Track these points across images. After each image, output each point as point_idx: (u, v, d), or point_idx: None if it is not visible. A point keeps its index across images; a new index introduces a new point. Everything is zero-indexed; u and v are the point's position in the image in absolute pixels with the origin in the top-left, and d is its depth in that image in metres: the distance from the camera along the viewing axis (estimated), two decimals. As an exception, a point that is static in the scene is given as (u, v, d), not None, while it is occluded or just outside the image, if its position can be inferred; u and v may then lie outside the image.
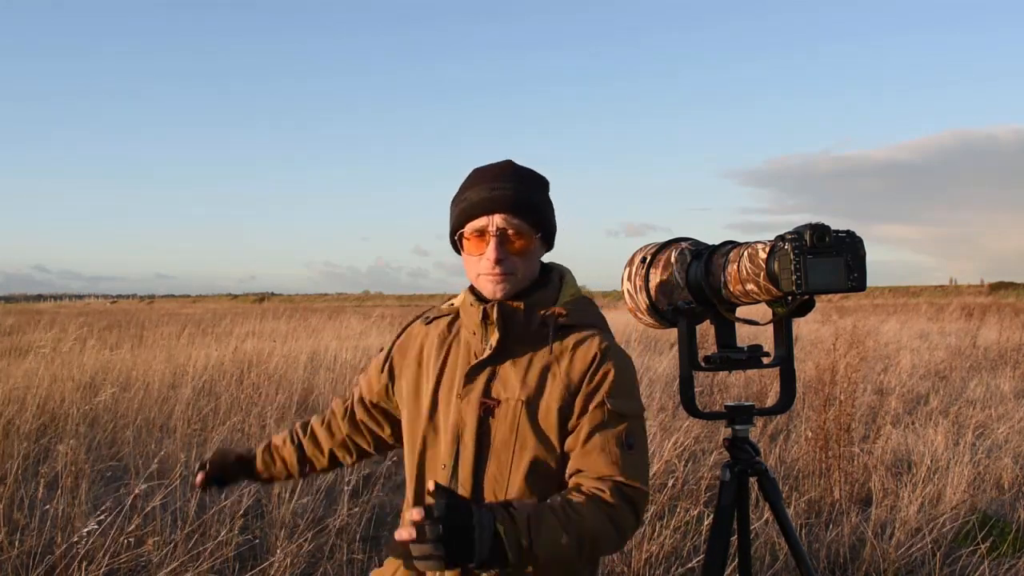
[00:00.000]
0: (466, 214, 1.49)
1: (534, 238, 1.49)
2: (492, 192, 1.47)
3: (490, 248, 1.46)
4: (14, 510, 3.57)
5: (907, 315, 18.56)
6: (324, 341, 10.74)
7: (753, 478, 1.69)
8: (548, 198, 1.55)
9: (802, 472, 4.66)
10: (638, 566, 3.39)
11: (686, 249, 1.67)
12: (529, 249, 1.49)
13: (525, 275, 1.51)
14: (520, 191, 1.48)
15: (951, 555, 3.69)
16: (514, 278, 1.48)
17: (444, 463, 1.47)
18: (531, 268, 1.52)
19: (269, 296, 65.53)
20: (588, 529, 1.31)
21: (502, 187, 1.47)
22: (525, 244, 1.48)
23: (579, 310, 1.52)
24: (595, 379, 1.44)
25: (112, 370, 7.24)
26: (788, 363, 1.65)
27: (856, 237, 1.43)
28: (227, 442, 4.95)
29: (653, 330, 3.91)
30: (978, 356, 10.37)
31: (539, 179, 1.55)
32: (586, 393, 1.43)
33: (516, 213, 1.46)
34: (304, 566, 3.44)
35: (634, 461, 1.41)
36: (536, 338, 1.48)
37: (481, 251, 1.47)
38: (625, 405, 1.44)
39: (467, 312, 1.53)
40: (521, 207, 1.47)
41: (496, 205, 1.46)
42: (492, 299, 1.50)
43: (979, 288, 40.76)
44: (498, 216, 1.46)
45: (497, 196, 1.46)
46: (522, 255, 1.48)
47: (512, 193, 1.47)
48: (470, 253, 1.50)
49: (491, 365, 1.48)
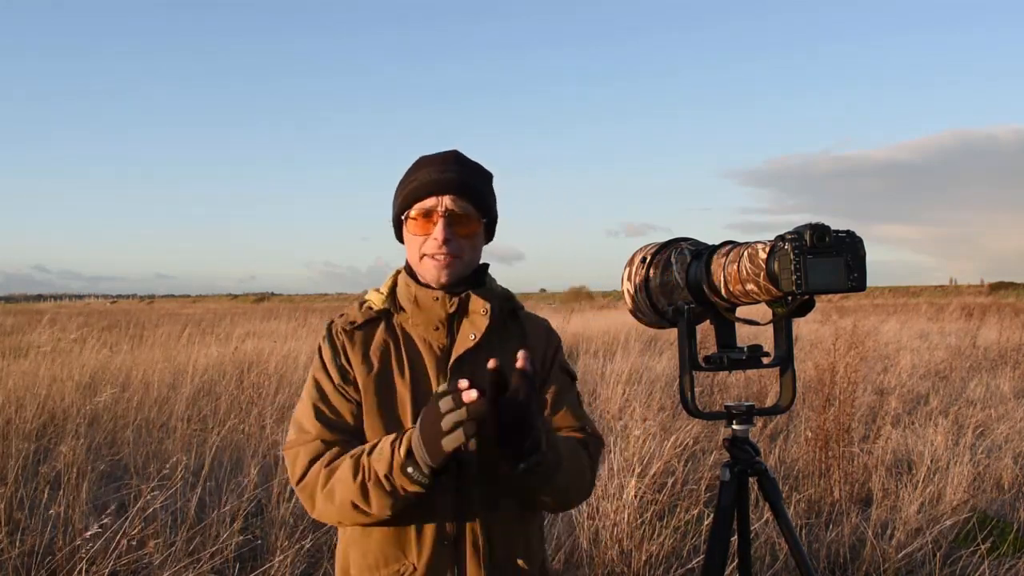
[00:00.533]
0: (414, 195, 1.49)
1: (480, 223, 1.52)
2: (441, 175, 1.48)
3: (438, 228, 1.46)
4: (14, 510, 3.57)
5: (907, 315, 18.57)
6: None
7: (753, 478, 1.69)
8: (492, 189, 1.58)
9: (802, 472, 4.66)
10: (638, 566, 3.39)
11: (686, 249, 1.67)
12: (475, 233, 1.51)
13: (470, 261, 1.52)
14: (468, 176, 1.51)
15: (951, 555, 3.69)
16: (460, 262, 1.49)
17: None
18: (475, 255, 1.54)
19: (269, 296, 65.53)
20: (580, 458, 1.48)
21: (451, 170, 1.49)
22: (472, 227, 1.50)
23: (513, 296, 1.62)
24: (551, 350, 1.59)
25: (112, 370, 7.24)
26: (788, 363, 1.65)
27: (856, 237, 1.43)
28: (227, 442, 4.95)
29: (653, 330, 3.91)
30: (978, 356, 10.38)
31: (485, 170, 1.57)
32: (548, 362, 1.57)
33: (464, 196, 1.48)
34: (304, 566, 3.44)
35: (587, 414, 1.60)
36: (496, 322, 1.51)
37: (427, 231, 1.48)
38: (572, 369, 1.63)
39: (427, 307, 1.49)
40: (469, 190, 1.49)
41: (445, 187, 1.47)
42: (436, 285, 1.49)
43: (979, 288, 40.78)
44: (447, 197, 1.47)
45: (446, 178, 1.48)
46: (469, 238, 1.50)
47: (461, 177, 1.49)
48: (415, 234, 1.49)
49: (471, 356, 1.48)
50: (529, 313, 1.63)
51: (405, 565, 1.43)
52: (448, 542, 1.43)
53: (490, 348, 1.46)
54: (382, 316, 1.54)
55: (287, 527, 3.64)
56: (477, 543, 1.43)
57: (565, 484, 1.42)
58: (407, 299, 1.52)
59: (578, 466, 1.46)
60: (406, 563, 1.43)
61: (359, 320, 1.53)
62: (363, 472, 1.36)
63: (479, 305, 1.49)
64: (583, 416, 1.57)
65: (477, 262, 1.55)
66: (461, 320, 1.50)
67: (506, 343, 1.50)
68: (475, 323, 1.48)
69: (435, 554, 1.42)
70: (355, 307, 1.57)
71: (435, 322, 1.49)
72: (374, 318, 1.53)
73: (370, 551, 1.45)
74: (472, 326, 1.48)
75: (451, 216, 1.47)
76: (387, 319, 1.53)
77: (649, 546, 3.45)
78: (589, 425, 1.56)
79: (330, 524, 1.50)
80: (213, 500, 3.78)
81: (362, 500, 1.36)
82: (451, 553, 1.43)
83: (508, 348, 1.46)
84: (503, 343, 1.50)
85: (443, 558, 1.42)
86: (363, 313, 1.54)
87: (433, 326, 1.49)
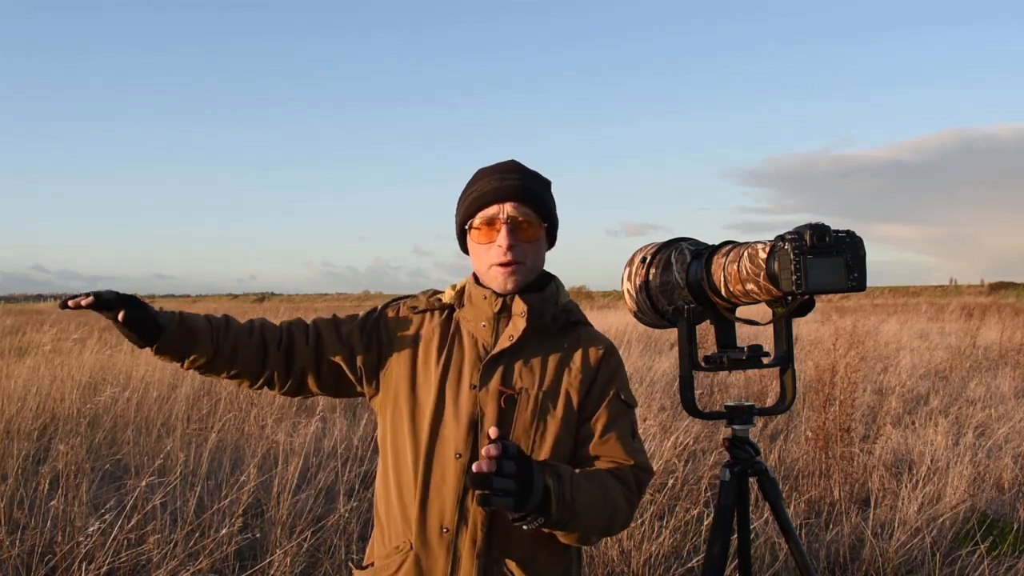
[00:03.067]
0: (477, 204, 1.53)
1: (542, 228, 1.55)
2: (502, 183, 1.52)
3: (501, 235, 1.50)
4: (15, 509, 3.57)
5: (907, 315, 18.56)
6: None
7: (753, 478, 1.69)
8: (552, 195, 1.61)
9: (802, 472, 4.66)
10: (638, 566, 3.39)
11: (686, 249, 1.67)
12: (538, 238, 1.54)
13: (533, 266, 1.55)
14: (528, 183, 1.54)
15: (951, 555, 3.69)
16: (524, 268, 1.52)
17: (458, 452, 1.47)
18: (538, 260, 1.56)
19: (269, 296, 65.49)
20: (612, 500, 1.44)
21: (512, 178, 1.53)
22: (534, 233, 1.53)
23: (579, 310, 1.61)
24: (607, 372, 1.54)
25: (112, 370, 7.24)
26: (788, 363, 1.65)
27: (856, 237, 1.43)
28: (227, 442, 4.95)
29: (653, 330, 3.91)
30: (978, 356, 10.38)
31: (543, 177, 1.61)
32: (601, 385, 1.53)
33: (525, 202, 1.52)
34: (303, 565, 3.44)
35: (641, 447, 1.55)
36: (549, 332, 1.54)
37: (491, 239, 1.51)
38: (631, 397, 1.57)
39: (477, 304, 1.55)
40: (530, 197, 1.53)
41: (507, 194, 1.51)
42: (503, 292, 1.52)
43: (979, 288, 40.76)
44: (509, 204, 1.51)
45: (507, 186, 1.52)
46: (531, 243, 1.53)
47: (522, 184, 1.53)
48: (479, 242, 1.54)
49: (508, 356, 1.51)
50: (592, 331, 1.60)
51: (406, 542, 1.49)
52: (447, 531, 1.46)
53: (531, 352, 1.51)
54: (445, 309, 1.60)
55: (286, 525, 3.64)
56: (475, 537, 1.46)
57: (583, 530, 1.41)
58: (467, 296, 1.57)
59: (606, 508, 1.43)
60: (407, 540, 1.49)
61: (421, 306, 1.60)
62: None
63: (520, 307, 1.51)
64: (632, 447, 1.52)
65: (541, 267, 1.58)
66: (507, 320, 1.53)
67: (551, 352, 1.53)
68: (515, 324, 1.52)
69: (433, 539, 1.47)
70: (424, 296, 1.63)
71: (483, 319, 1.54)
72: (437, 308, 1.59)
73: (385, 524, 1.54)
74: (512, 327, 1.52)
75: (513, 223, 1.51)
76: (450, 312, 1.59)
77: (649, 546, 3.45)
78: (637, 456, 1.52)
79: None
80: (213, 499, 3.77)
81: None
82: (449, 542, 1.46)
83: (551, 357, 1.53)
84: (548, 351, 1.53)
85: (440, 546, 1.47)
86: (428, 302, 1.60)
87: (481, 322, 1.54)
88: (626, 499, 1.47)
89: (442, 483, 1.47)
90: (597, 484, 1.43)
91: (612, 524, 1.47)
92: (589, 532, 1.43)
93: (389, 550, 1.52)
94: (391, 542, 1.52)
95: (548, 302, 1.55)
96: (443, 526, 1.47)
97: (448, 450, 1.49)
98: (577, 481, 1.39)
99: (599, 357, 1.55)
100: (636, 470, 1.50)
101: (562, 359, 1.53)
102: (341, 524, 3.70)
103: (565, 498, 1.34)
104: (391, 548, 1.51)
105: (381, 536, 1.56)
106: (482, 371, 1.50)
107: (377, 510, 1.59)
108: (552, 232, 1.59)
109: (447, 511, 1.47)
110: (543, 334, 1.53)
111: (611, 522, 1.46)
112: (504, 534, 1.46)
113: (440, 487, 1.47)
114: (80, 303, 1.38)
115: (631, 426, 1.55)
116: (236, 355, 1.53)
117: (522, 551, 1.48)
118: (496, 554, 1.46)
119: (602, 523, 1.43)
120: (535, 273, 1.56)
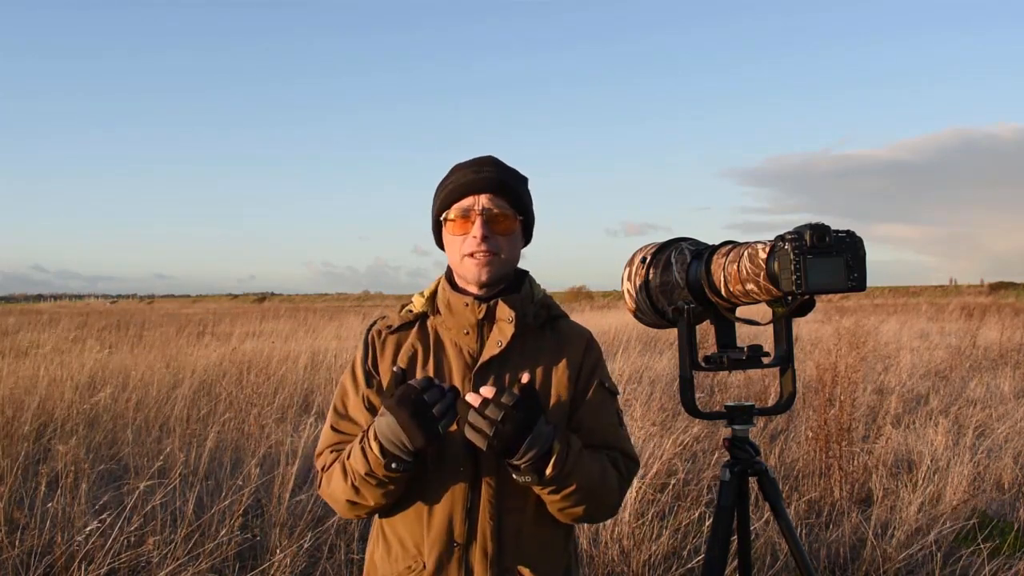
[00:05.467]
0: (452, 196, 1.52)
1: (517, 221, 1.54)
2: (478, 175, 1.52)
3: (476, 226, 1.49)
4: (14, 509, 3.57)
5: (907, 315, 18.57)
6: (324, 341, 10.75)
7: (753, 478, 1.69)
8: (528, 191, 1.60)
9: (802, 472, 4.66)
10: (638, 566, 3.39)
11: (686, 249, 1.67)
12: (513, 231, 1.53)
13: (508, 259, 1.53)
14: (503, 176, 1.54)
15: (952, 555, 3.69)
16: (498, 259, 1.51)
17: (460, 464, 1.46)
18: (513, 253, 1.55)
19: (269, 296, 65.52)
20: (607, 483, 1.47)
21: (487, 171, 1.53)
22: (509, 225, 1.52)
23: (555, 303, 1.62)
24: (590, 363, 1.56)
25: (111, 370, 7.24)
26: (788, 363, 1.65)
27: (856, 237, 1.43)
28: (226, 442, 4.95)
29: (653, 330, 3.91)
30: (978, 356, 10.38)
31: (520, 173, 1.60)
32: (586, 376, 1.55)
33: (501, 195, 1.51)
34: (304, 565, 3.44)
35: (627, 436, 1.59)
36: (531, 330, 1.54)
37: (466, 231, 1.50)
38: (613, 385, 1.59)
39: (458, 312, 1.52)
40: (506, 189, 1.52)
41: (482, 186, 1.51)
42: (477, 284, 1.51)
43: (979, 288, 40.76)
44: (484, 196, 1.50)
45: (483, 178, 1.51)
46: (506, 236, 1.52)
47: (497, 176, 1.52)
48: (454, 234, 1.53)
49: (497, 362, 1.50)
50: (571, 323, 1.61)
51: (417, 561, 1.47)
52: (458, 545, 1.45)
53: (519, 355, 1.50)
54: (419, 319, 1.57)
55: (286, 526, 3.64)
56: (486, 548, 1.44)
57: (580, 499, 1.43)
58: (443, 303, 1.55)
59: (603, 485, 1.46)
60: (419, 559, 1.47)
61: (395, 323, 1.58)
62: (350, 474, 1.44)
63: (506, 313, 1.50)
64: (618, 435, 1.55)
65: (516, 261, 1.58)
66: (491, 326, 1.52)
67: (538, 352, 1.53)
68: (502, 330, 1.50)
69: (445, 555, 1.45)
70: (397, 311, 1.61)
71: (465, 327, 1.52)
72: (410, 321, 1.57)
73: (392, 543, 1.52)
74: (500, 333, 1.50)
75: (488, 214, 1.50)
76: (423, 321, 1.57)
77: (649, 546, 3.45)
78: (624, 444, 1.55)
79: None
80: (212, 499, 3.77)
81: (356, 496, 1.44)
82: (460, 556, 1.45)
83: (539, 357, 1.52)
84: (535, 351, 1.53)
85: (452, 560, 1.45)
86: (401, 317, 1.59)
87: (463, 330, 1.52)
88: (618, 485, 1.50)
89: (449, 498, 1.46)
90: (597, 466, 1.46)
91: (606, 503, 1.50)
92: (575, 506, 1.45)
93: (401, 570, 1.48)
94: (401, 562, 1.49)
95: (527, 301, 1.54)
96: (454, 540, 1.45)
97: (450, 464, 1.47)
98: (582, 456, 1.42)
99: (582, 350, 1.56)
100: (625, 460, 1.53)
101: (548, 358, 1.53)
102: (341, 524, 3.70)
103: (565, 467, 1.37)
104: (402, 568, 1.48)
105: (387, 555, 1.52)
106: (473, 380, 1.48)
107: (381, 527, 1.55)
108: (528, 227, 1.59)
109: (456, 525, 1.45)
110: (526, 333, 1.52)
111: (605, 500, 1.49)
112: (514, 541, 1.46)
113: (447, 502, 1.46)
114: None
115: (617, 414, 1.57)
116: None
117: (531, 555, 1.47)
118: (508, 561, 1.46)
119: (597, 498, 1.46)
120: (510, 266, 1.55)
